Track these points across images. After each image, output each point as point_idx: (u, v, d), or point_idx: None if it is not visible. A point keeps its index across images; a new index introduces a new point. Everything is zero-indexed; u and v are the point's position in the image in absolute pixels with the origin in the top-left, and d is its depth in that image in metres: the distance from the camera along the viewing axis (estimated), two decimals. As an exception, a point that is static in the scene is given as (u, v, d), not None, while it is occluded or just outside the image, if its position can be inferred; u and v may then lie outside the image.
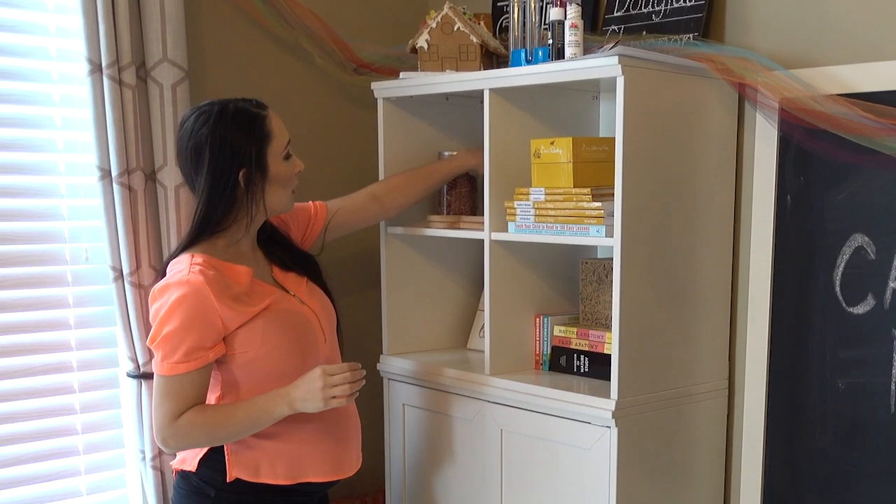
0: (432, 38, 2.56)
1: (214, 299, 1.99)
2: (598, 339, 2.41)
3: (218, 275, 2.03)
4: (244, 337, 2.05)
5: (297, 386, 2.03)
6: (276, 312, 2.09)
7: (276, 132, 2.10)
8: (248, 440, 2.09)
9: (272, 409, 2.03)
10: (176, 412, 2.01)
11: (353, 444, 2.27)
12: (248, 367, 2.08)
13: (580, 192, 2.26)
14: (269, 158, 2.08)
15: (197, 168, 2.05)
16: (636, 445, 2.24)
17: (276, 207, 2.16)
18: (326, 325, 2.22)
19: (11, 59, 2.41)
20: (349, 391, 2.03)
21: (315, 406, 2.02)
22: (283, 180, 2.13)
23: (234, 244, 2.13)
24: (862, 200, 2.21)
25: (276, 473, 2.12)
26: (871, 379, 2.22)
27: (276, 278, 2.20)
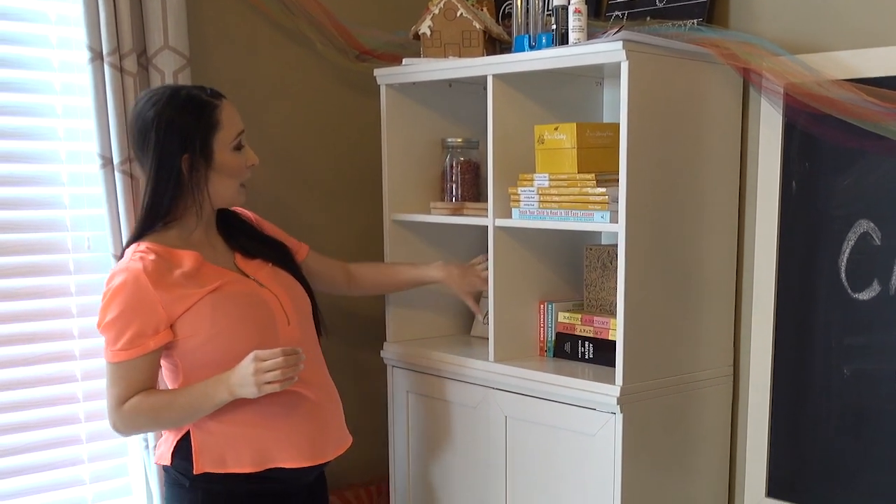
0: (435, 25, 2.55)
1: (152, 286, 1.98)
2: (603, 325, 2.40)
3: (160, 260, 2.02)
4: (192, 321, 2.03)
5: (234, 371, 1.99)
6: (226, 294, 2.06)
7: (226, 122, 2.08)
8: (211, 427, 2.07)
9: (213, 394, 2.01)
10: (122, 398, 2.02)
11: (332, 427, 2.22)
12: (201, 350, 2.05)
13: (584, 178, 2.25)
14: (215, 147, 2.06)
15: (143, 150, 2.05)
16: (641, 432, 2.24)
17: (221, 198, 2.13)
18: (291, 309, 2.17)
19: (11, 48, 2.39)
20: (281, 376, 1.96)
21: (250, 391, 1.97)
22: (229, 171, 2.10)
23: (188, 232, 2.11)
24: (867, 186, 2.20)
25: (241, 461, 2.09)
26: (876, 365, 2.22)
27: (237, 265, 2.17)
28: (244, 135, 2.13)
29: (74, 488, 2.56)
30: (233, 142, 2.09)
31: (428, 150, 2.74)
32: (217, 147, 2.07)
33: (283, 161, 2.90)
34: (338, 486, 3.05)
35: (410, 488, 2.77)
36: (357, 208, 3.04)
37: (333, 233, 3.02)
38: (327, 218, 3.00)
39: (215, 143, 2.06)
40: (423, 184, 2.75)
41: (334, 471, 3.06)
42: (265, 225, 2.38)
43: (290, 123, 2.90)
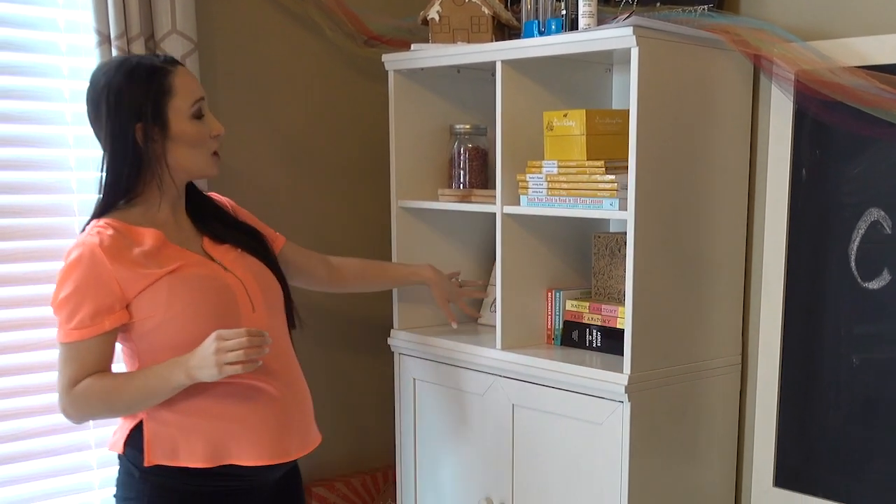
0: (443, 10, 2.53)
1: (108, 261, 1.89)
2: (611, 313, 2.39)
3: (118, 236, 1.93)
4: (148, 301, 1.93)
5: (194, 353, 1.88)
6: (185, 276, 1.96)
7: (180, 88, 1.97)
8: (165, 416, 1.97)
9: (170, 378, 1.90)
10: (73, 380, 1.92)
11: (296, 425, 2.10)
12: (156, 333, 1.95)
13: (593, 165, 2.24)
14: (170, 115, 1.96)
15: (97, 123, 1.98)
16: (649, 420, 2.23)
17: (185, 169, 2.02)
18: (258, 296, 2.06)
19: (19, 31, 2.38)
20: (244, 357, 1.85)
21: (210, 373, 1.86)
22: (189, 140, 1.99)
23: (152, 211, 2.01)
24: (878, 174, 2.19)
25: (194, 454, 1.97)
26: (886, 355, 2.21)
27: (205, 249, 2.08)
28: (204, 102, 2.03)
29: (81, 474, 2.56)
30: (190, 109, 1.99)
31: (436, 136, 2.73)
32: (172, 115, 1.96)
33: (289, 147, 2.89)
34: (344, 474, 3.06)
35: (417, 476, 2.77)
36: (364, 195, 3.04)
37: (341, 219, 3.02)
38: (334, 204, 3.00)
39: (170, 111, 1.96)
40: (430, 170, 2.74)
41: (342, 457, 3.08)
42: (241, 212, 2.29)
43: (298, 109, 2.89)
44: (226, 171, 2.72)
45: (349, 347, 3.07)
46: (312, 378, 2.97)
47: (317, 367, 3.01)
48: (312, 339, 2.97)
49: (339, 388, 3.08)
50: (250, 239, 2.17)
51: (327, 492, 2.95)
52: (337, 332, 3.04)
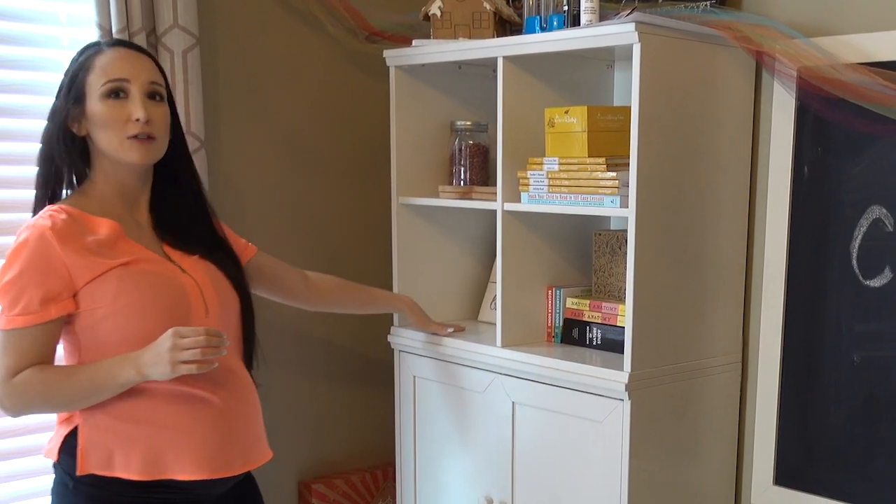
0: (445, 6, 2.53)
1: (58, 245, 1.81)
2: (611, 311, 2.39)
3: (71, 221, 1.85)
4: (95, 292, 1.84)
5: (148, 348, 1.80)
6: (137, 270, 1.88)
7: (100, 66, 1.90)
8: (101, 421, 1.87)
9: (118, 373, 1.81)
10: (13, 369, 1.81)
11: (241, 439, 1.99)
12: (101, 327, 1.86)
13: (595, 162, 2.23)
14: (87, 93, 1.89)
15: None
16: (649, 418, 2.23)
17: (108, 152, 1.91)
18: (213, 300, 1.97)
19: (20, 25, 2.38)
20: (200, 356, 1.77)
21: (163, 371, 1.77)
22: (100, 121, 1.89)
23: (107, 202, 1.94)
24: (880, 171, 2.18)
25: (129, 465, 1.86)
26: (887, 353, 2.20)
27: (164, 250, 1.99)
28: (129, 84, 1.90)
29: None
30: (101, 87, 1.89)
31: (437, 132, 2.72)
32: (88, 93, 1.89)
33: (290, 142, 2.89)
34: (344, 470, 3.06)
35: (417, 473, 2.76)
36: (365, 191, 3.03)
37: (341, 215, 3.01)
38: (335, 200, 2.99)
39: (87, 89, 1.89)
40: (431, 167, 2.74)
41: (341, 454, 3.08)
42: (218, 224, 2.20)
43: (299, 104, 2.89)
44: (224, 167, 2.73)
45: (349, 344, 3.06)
46: (313, 375, 3.00)
47: (317, 363, 3.02)
48: (312, 336, 2.98)
49: (339, 385, 3.08)
50: (215, 247, 2.09)
51: (327, 489, 2.95)
52: (337, 328, 3.03)
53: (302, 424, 2.99)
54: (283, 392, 2.93)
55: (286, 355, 2.94)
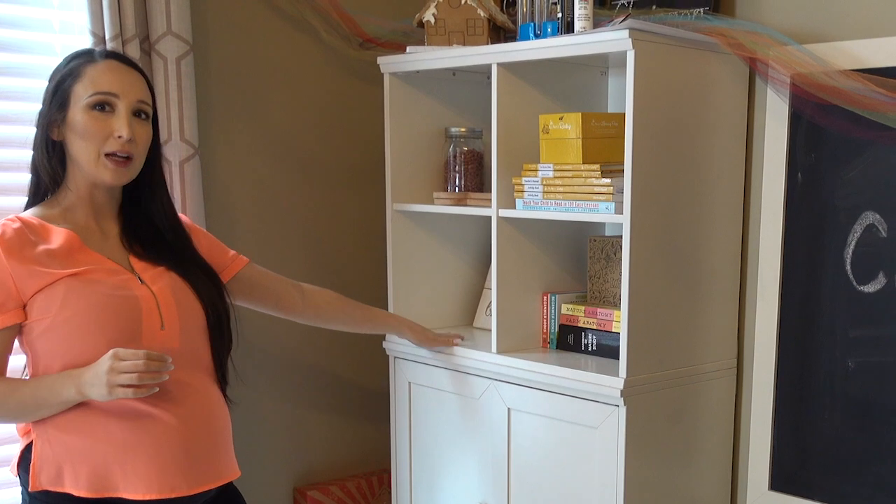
0: (439, 12, 2.53)
1: (4, 256, 1.78)
2: (607, 317, 2.39)
3: (24, 230, 1.82)
4: (42, 302, 1.81)
5: (89, 367, 1.76)
6: (86, 281, 1.83)
7: (90, 76, 1.87)
8: (53, 435, 1.83)
9: (59, 390, 1.78)
10: None
11: (202, 456, 1.91)
12: (46, 338, 1.82)
13: (589, 169, 2.24)
14: (71, 100, 1.87)
15: None
16: (644, 424, 2.23)
17: (80, 162, 1.88)
18: (171, 314, 1.90)
19: (13, 32, 2.38)
20: (136, 381, 1.72)
21: (99, 392, 1.74)
22: (79, 130, 1.86)
23: (74, 212, 1.92)
24: (874, 177, 2.19)
25: (78, 481, 1.82)
26: (881, 358, 2.20)
27: (130, 261, 1.94)
28: (117, 99, 1.88)
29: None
30: (88, 97, 1.86)
31: (431, 139, 2.72)
32: (73, 100, 1.87)
33: (284, 149, 2.89)
34: (339, 477, 3.05)
35: (413, 480, 2.76)
36: (359, 198, 3.03)
37: (335, 222, 3.01)
38: (329, 207, 2.99)
39: (72, 96, 1.87)
40: (426, 174, 2.74)
41: (336, 461, 3.08)
42: (199, 233, 2.18)
43: (293, 111, 2.89)
44: (218, 174, 2.73)
45: (344, 350, 3.06)
46: (308, 382, 2.99)
47: (312, 370, 3.01)
48: (308, 342, 2.98)
49: (335, 391, 3.07)
50: (187, 260, 2.03)
51: (322, 495, 2.94)
52: (332, 335, 3.03)
53: (297, 431, 2.99)
54: (277, 398, 2.93)
55: (281, 361, 2.94)
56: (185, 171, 2.49)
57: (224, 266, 2.19)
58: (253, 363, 2.80)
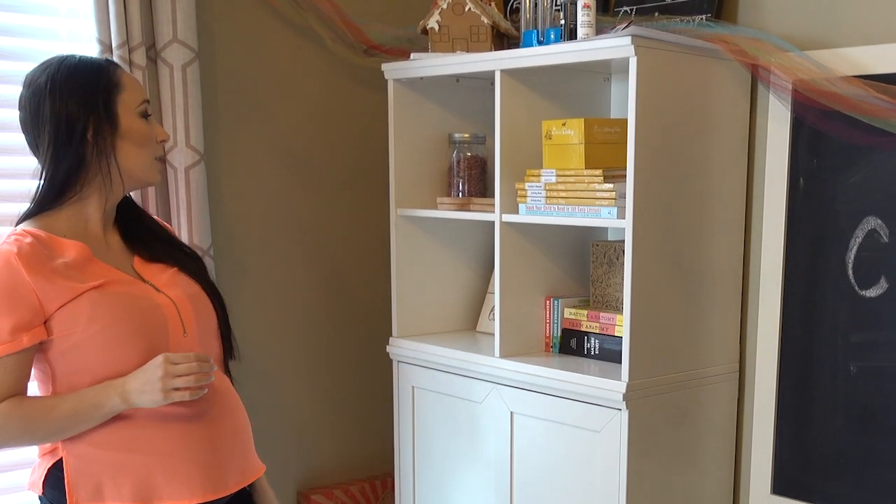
0: (443, 19, 2.55)
1: (26, 271, 1.73)
2: (609, 321, 2.40)
3: (38, 245, 1.78)
4: (67, 317, 1.77)
5: (135, 375, 1.75)
6: (110, 293, 1.81)
7: (128, 84, 1.88)
8: (85, 452, 1.80)
9: (103, 402, 1.76)
10: None
11: (233, 455, 1.93)
12: (75, 353, 1.79)
13: (592, 174, 2.25)
14: (120, 109, 1.85)
15: (37, 122, 1.82)
16: (647, 428, 2.24)
17: (132, 171, 1.89)
18: (190, 318, 1.91)
19: (21, 41, 2.40)
20: (194, 383, 1.74)
21: (153, 399, 1.74)
22: (137, 138, 1.87)
23: (82, 220, 1.88)
24: (875, 183, 2.20)
25: (121, 494, 1.80)
26: (883, 363, 2.21)
27: (135, 268, 1.93)
28: (149, 105, 1.93)
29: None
30: (138, 107, 1.88)
31: (435, 145, 2.74)
32: (121, 110, 1.85)
33: (289, 155, 2.90)
34: (342, 481, 3.06)
35: (416, 484, 2.77)
36: (363, 203, 3.05)
37: (340, 228, 3.02)
38: (334, 213, 3.01)
39: (119, 106, 1.85)
40: (429, 179, 2.75)
41: (340, 465, 3.09)
42: None
43: (298, 118, 2.90)
44: (224, 180, 2.74)
45: (348, 354, 3.07)
46: (311, 386, 3.00)
47: (316, 374, 3.02)
48: (311, 346, 2.99)
49: (338, 395, 3.08)
50: (187, 258, 2.03)
51: (325, 499, 2.95)
52: (336, 339, 3.04)
53: (301, 435, 3.00)
54: (281, 402, 2.94)
55: (285, 366, 2.95)
56: (190, 177, 2.50)
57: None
58: (256, 368, 2.80)
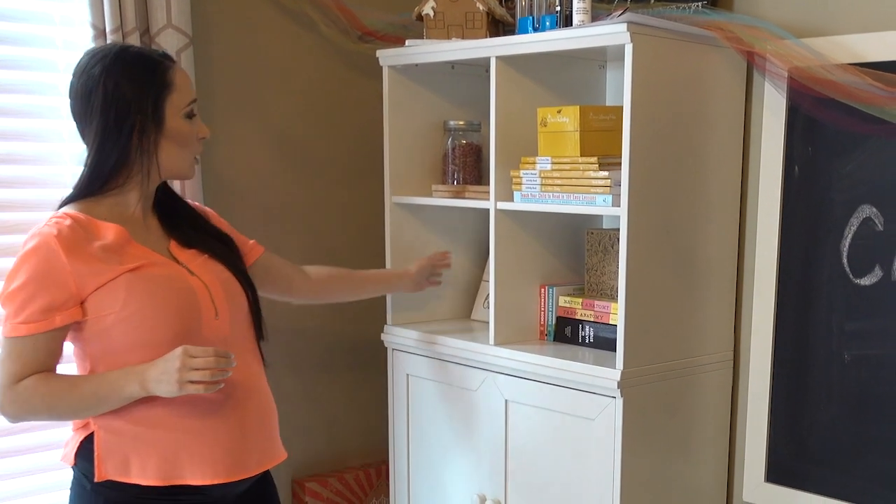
0: (438, 6, 2.54)
1: (64, 255, 1.79)
2: (604, 309, 2.40)
3: (77, 228, 1.83)
4: (103, 299, 1.82)
5: (155, 364, 1.79)
6: (146, 275, 1.86)
7: (179, 85, 1.92)
8: (117, 426, 1.86)
9: (122, 387, 1.81)
10: (16, 376, 1.81)
11: (257, 439, 2.00)
12: (110, 333, 1.84)
13: (587, 162, 2.25)
14: (167, 111, 1.90)
15: (87, 112, 1.87)
16: (641, 416, 2.24)
17: (170, 168, 1.95)
18: (222, 301, 1.96)
19: (14, 25, 2.38)
20: (210, 377, 1.77)
21: (168, 389, 1.77)
22: (180, 138, 1.93)
23: (123, 206, 1.93)
24: (870, 171, 2.20)
25: (146, 471, 1.87)
26: (877, 351, 2.22)
27: (171, 251, 1.98)
28: (196, 105, 1.98)
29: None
30: (185, 108, 1.93)
31: (430, 132, 2.73)
32: (169, 111, 1.90)
33: (283, 142, 2.89)
34: (337, 469, 3.07)
35: (410, 471, 2.77)
36: (358, 190, 3.04)
37: (334, 214, 3.02)
38: (328, 199, 3.00)
39: (167, 107, 1.90)
40: (424, 166, 2.75)
41: (334, 453, 3.09)
42: (222, 223, 2.21)
43: (292, 104, 2.90)
44: (218, 166, 2.74)
45: (343, 342, 3.07)
46: (306, 374, 3.00)
47: (311, 362, 3.02)
48: (306, 335, 2.99)
49: (333, 383, 3.08)
50: (220, 245, 2.08)
51: (320, 487, 2.96)
52: (331, 327, 3.04)
53: (296, 422, 2.99)
54: (276, 390, 2.92)
55: (279, 354, 2.94)
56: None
57: (244, 253, 2.22)
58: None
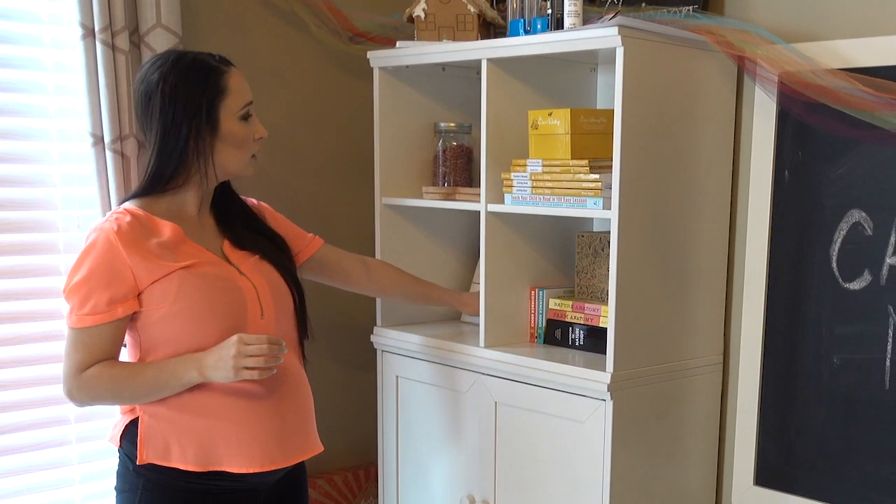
0: (429, 7, 2.54)
1: (124, 249, 1.91)
2: (594, 312, 2.40)
3: (136, 224, 1.95)
4: (157, 293, 1.93)
5: (211, 351, 1.91)
6: (198, 273, 1.97)
7: (234, 89, 2.01)
8: (159, 412, 1.98)
9: (181, 373, 1.92)
10: (82, 364, 1.93)
11: (294, 432, 2.09)
12: (159, 326, 1.95)
13: (578, 164, 2.25)
14: (222, 114, 1.99)
15: (147, 117, 1.98)
16: (631, 418, 2.24)
17: (227, 168, 2.05)
18: (269, 302, 2.06)
19: (2, 23, 2.37)
20: (264, 363, 1.89)
21: (225, 375, 1.89)
22: (235, 141, 2.03)
23: (180, 205, 2.04)
24: (860, 176, 2.20)
25: (185, 457, 1.98)
26: (866, 355, 2.22)
27: (224, 251, 2.08)
28: (252, 106, 2.06)
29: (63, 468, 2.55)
30: (240, 111, 2.02)
31: (420, 134, 2.73)
32: (223, 115, 1.99)
33: (274, 143, 2.86)
34: (327, 470, 3.06)
35: (399, 473, 2.77)
36: (348, 192, 3.04)
37: (324, 216, 3.01)
38: (318, 201, 2.99)
39: (221, 111, 1.99)
40: (415, 168, 2.74)
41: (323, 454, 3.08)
42: (278, 218, 2.32)
43: (282, 105, 2.89)
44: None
45: (332, 344, 3.07)
46: (295, 375, 2.99)
47: (299, 363, 3.01)
48: (295, 336, 2.97)
49: (322, 384, 3.05)
50: (271, 245, 2.18)
51: (309, 489, 2.94)
52: (320, 328, 3.02)
53: (284, 424, 2.99)
54: (265, 392, 2.93)
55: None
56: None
57: (302, 248, 2.35)
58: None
